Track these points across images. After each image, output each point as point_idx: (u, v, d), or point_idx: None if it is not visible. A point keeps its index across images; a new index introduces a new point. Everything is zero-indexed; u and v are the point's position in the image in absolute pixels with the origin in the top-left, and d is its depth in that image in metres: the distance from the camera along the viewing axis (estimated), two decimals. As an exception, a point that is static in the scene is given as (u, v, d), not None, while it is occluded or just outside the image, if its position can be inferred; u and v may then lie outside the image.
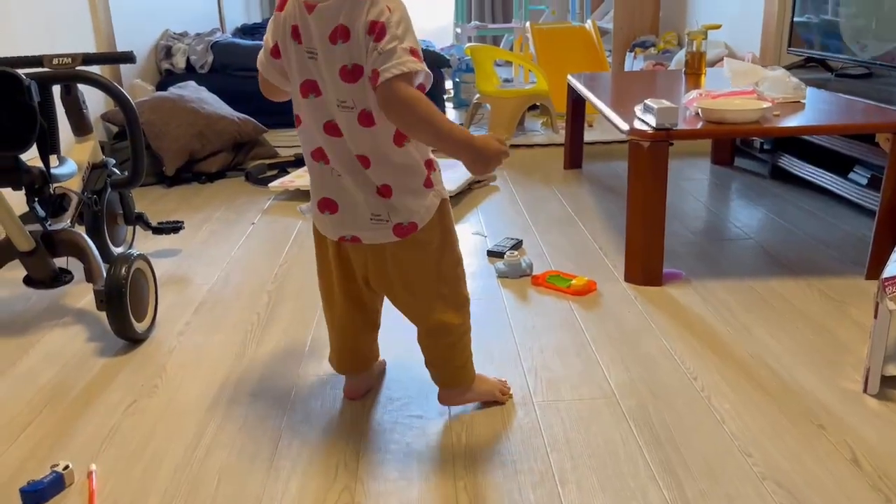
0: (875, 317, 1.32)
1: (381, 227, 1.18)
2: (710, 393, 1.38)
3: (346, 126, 1.14)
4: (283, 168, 3.09)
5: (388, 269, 1.22)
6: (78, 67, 1.85)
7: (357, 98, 1.11)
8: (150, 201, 2.75)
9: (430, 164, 1.20)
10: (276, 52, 1.18)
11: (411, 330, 1.32)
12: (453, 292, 1.26)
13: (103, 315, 1.63)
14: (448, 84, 4.51)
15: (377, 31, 1.05)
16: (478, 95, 3.60)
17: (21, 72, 1.60)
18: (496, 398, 1.36)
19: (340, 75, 1.10)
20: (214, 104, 3.20)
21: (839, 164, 2.34)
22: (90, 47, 3.02)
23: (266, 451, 1.25)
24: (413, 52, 1.06)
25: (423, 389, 1.40)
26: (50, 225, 1.70)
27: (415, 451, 1.25)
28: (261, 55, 1.21)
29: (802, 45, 2.81)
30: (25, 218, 1.67)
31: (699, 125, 1.82)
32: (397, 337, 1.45)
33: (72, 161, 1.85)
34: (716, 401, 1.35)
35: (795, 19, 2.82)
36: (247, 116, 3.22)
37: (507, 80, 4.38)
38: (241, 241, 2.31)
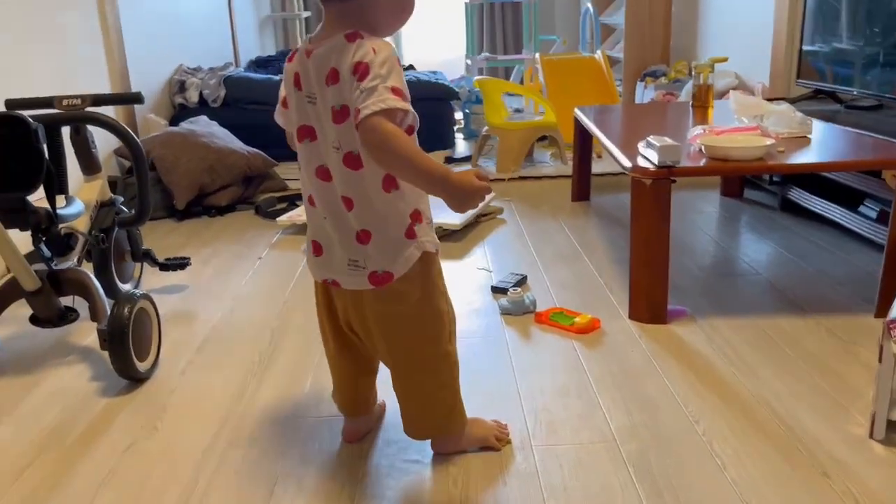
0: (880, 360, 1.30)
1: (358, 274, 1.18)
2: (712, 437, 1.35)
3: (335, 169, 1.15)
4: (293, 201, 3.12)
5: (366, 316, 1.22)
6: (87, 108, 1.89)
7: (344, 139, 1.12)
8: (160, 235, 2.78)
9: (416, 216, 1.19)
10: (285, 103, 1.22)
11: (408, 373, 1.31)
12: (432, 351, 1.25)
13: (107, 354, 1.64)
14: (458, 115, 4.54)
15: (360, 70, 1.07)
16: (486, 127, 3.61)
17: (31, 113, 1.64)
18: (491, 444, 1.34)
19: (332, 117, 1.12)
20: (225, 138, 3.24)
21: (849, 198, 2.32)
22: (104, 84, 3.08)
23: (262, 495, 1.24)
24: (395, 90, 1.06)
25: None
26: (56, 264, 1.72)
27: (412, 496, 1.24)
28: (277, 108, 1.25)
29: (812, 76, 2.80)
30: (31, 257, 1.69)
31: (702, 162, 1.81)
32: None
33: (79, 200, 1.87)
34: (717, 446, 1.33)
35: (806, 48, 2.81)
36: (257, 150, 3.26)
37: (517, 111, 4.40)
38: (247, 277, 2.32)
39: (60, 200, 1.74)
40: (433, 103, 3.93)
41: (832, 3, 2.64)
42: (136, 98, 1.99)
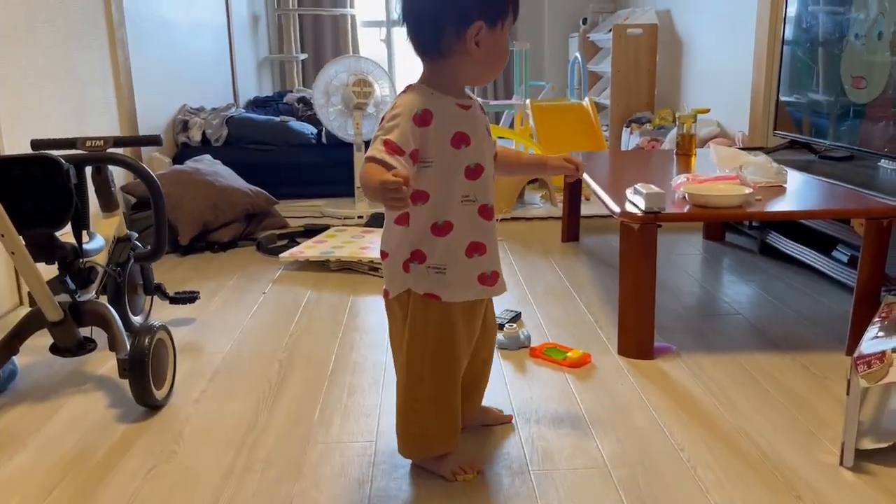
0: (848, 393, 1.42)
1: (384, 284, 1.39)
2: (696, 464, 1.46)
3: None
4: (293, 238, 3.22)
5: None
6: (109, 150, 2.00)
7: None
8: (164, 269, 2.87)
9: (417, 255, 1.33)
10: None
11: (416, 401, 1.41)
12: (412, 370, 1.38)
13: (123, 382, 1.73)
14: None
15: (381, 121, 1.28)
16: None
17: (59, 153, 1.75)
18: (443, 474, 1.43)
19: None
20: (229, 177, 3.36)
21: (823, 243, 2.46)
22: (114, 123, 3.20)
23: (278, 515, 1.33)
24: (387, 143, 1.21)
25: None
26: (79, 296, 1.81)
27: (418, 517, 1.33)
28: None
29: (789, 127, 2.97)
30: (51, 287, 1.78)
31: (686, 209, 1.95)
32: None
33: (100, 236, 1.98)
34: (701, 472, 1.44)
35: (783, 99, 2.99)
36: (259, 189, 3.38)
37: (508, 154, 4.55)
38: (252, 311, 2.42)
39: (84, 237, 1.84)
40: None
41: (805, 59, 2.82)
42: (155, 140, 2.11)
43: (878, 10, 2.35)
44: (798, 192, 2.16)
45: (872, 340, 1.53)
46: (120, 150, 2.25)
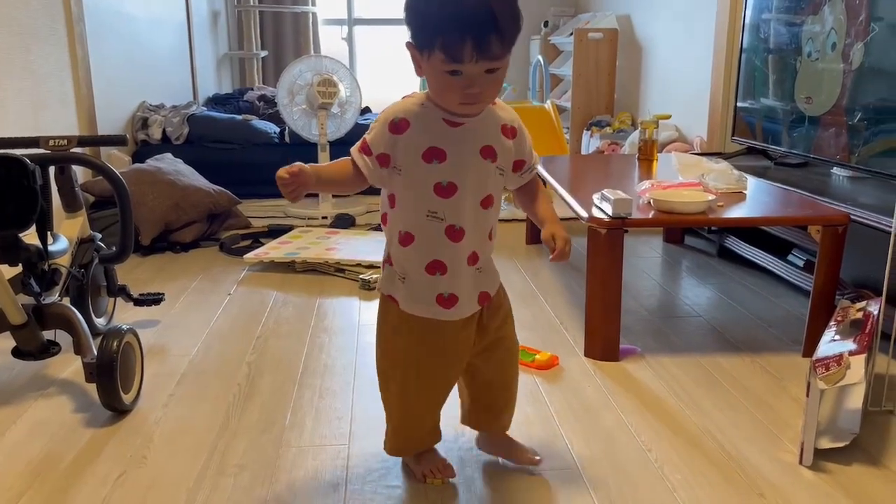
0: (807, 395, 1.48)
1: None
2: (663, 464, 1.51)
3: None
4: (257, 238, 3.20)
5: None
6: (73, 149, 1.96)
7: None
8: (126, 270, 2.82)
9: (388, 259, 1.35)
10: None
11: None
12: (377, 366, 1.42)
13: (88, 386, 1.71)
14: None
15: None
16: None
17: (23, 152, 1.71)
18: (415, 473, 1.46)
19: None
20: (191, 176, 3.32)
21: (779, 247, 2.55)
22: (72, 120, 3.13)
23: (254, 520, 1.33)
24: (363, 142, 1.28)
25: (400, 461, 1.51)
26: (43, 299, 1.78)
27: (394, 519, 1.34)
28: None
29: (746, 133, 3.06)
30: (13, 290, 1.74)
31: (651, 214, 2.00)
32: (377, 407, 1.55)
33: (63, 237, 1.94)
34: (668, 471, 1.48)
35: (740, 105, 3.08)
36: (221, 188, 3.34)
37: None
38: (218, 312, 2.40)
39: (49, 238, 1.80)
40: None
41: (761, 68, 2.91)
42: (121, 140, 2.08)
43: (832, 24, 2.44)
44: (758, 198, 2.23)
45: (830, 343, 1.59)
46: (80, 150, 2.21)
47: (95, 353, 1.68)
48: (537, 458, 1.48)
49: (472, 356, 1.40)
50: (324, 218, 3.53)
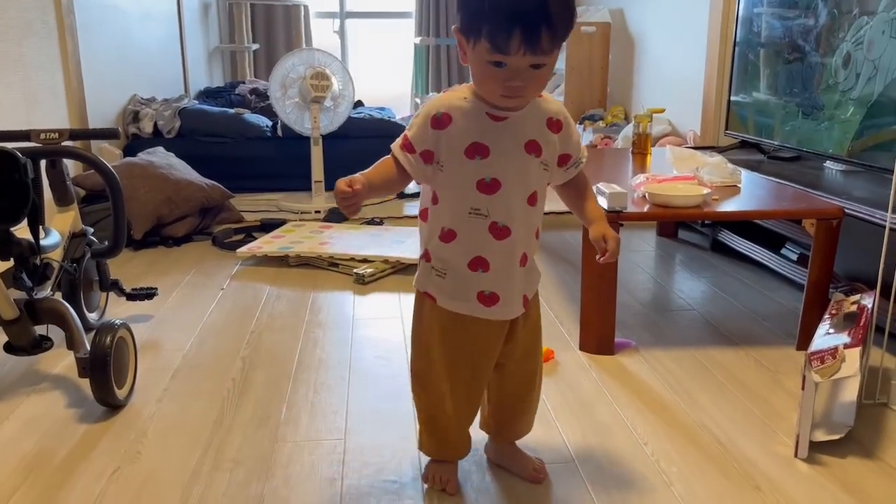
0: (802, 388, 1.48)
1: None
2: (659, 457, 1.51)
3: None
4: (249, 233, 3.19)
5: None
6: (64, 143, 1.95)
7: None
8: (118, 264, 2.80)
9: (426, 253, 1.31)
10: None
11: (383, 396, 1.42)
12: (412, 363, 1.38)
13: (81, 381, 1.70)
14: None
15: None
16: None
17: (14, 146, 1.69)
18: (424, 473, 1.44)
19: None
20: (183, 170, 3.29)
21: (772, 241, 2.55)
22: (63, 111, 3.10)
23: (250, 515, 1.33)
24: (405, 138, 1.24)
25: (396, 455, 1.51)
26: (35, 294, 1.76)
27: (391, 514, 1.34)
28: None
29: (739, 128, 3.06)
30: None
31: (646, 208, 2.00)
32: (372, 401, 1.55)
33: (55, 231, 1.92)
34: (664, 464, 1.48)
35: (734, 99, 3.08)
36: (214, 182, 3.32)
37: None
38: (211, 307, 2.38)
39: (40, 233, 1.78)
40: (384, 140, 4.06)
41: (754, 62, 2.91)
42: (113, 133, 2.06)
43: (827, 17, 2.44)
44: (752, 192, 2.23)
45: (824, 337, 1.60)
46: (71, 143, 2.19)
47: (88, 348, 1.67)
48: (541, 475, 1.43)
49: (500, 359, 1.36)
50: (317, 212, 3.51)
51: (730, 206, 2.06)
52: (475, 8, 1.12)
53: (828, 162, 2.65)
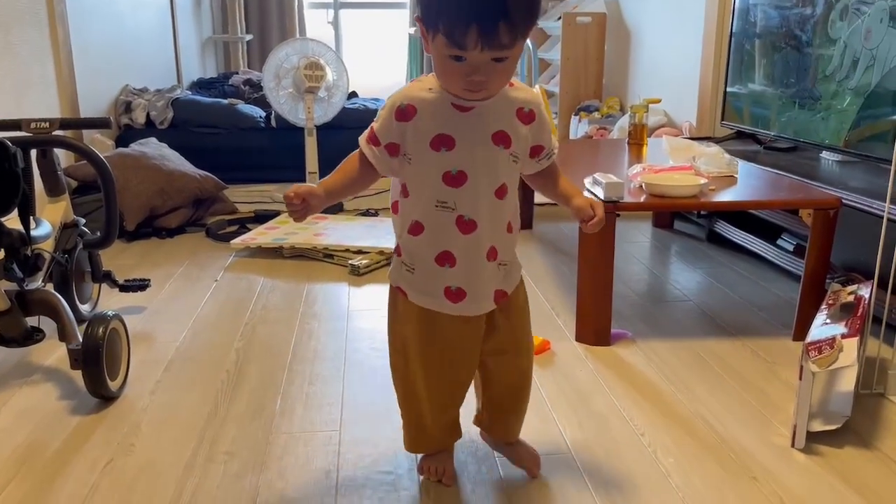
0: (800, 378, 1.47)
1: None
2: (656, 448, 1.50)
3: None
4: (243, 224, 3.17)
5: None
6: (55, 132, 1.92)
7: None
8: (111, 255, 2.78)
9: (398, 248, 1.28)
10: None
11: (379, 387, 1.41)
12: (390, 358, 1.35)
13: (74, 373, 1.68)
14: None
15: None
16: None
17: (3, 135, 1.67)
18: (419, 464, 1.43)
19: None
20: (176, 161, 3.27)
21: (768, 231, 2.55)
22: (54, 101, 3.07)
23: (245, 507, 1.32)
24: (370, 132, 1.21)
25: (392, 447, 1.50)
26: (26, 285, 1.74)
27: (387, 505, 1.33)
28: None
29: (735, 118, 3.05)
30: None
31: (643, 198, 1.99)
32: (367, 393, 1.54)
33: (46, 222, 1.90)
34: (661, 455, 1.48)
35: (730, 90, 3.07)
36: (207, 173, 3.30)
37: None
38: (205, 298, 2.37)
39: (31, 223, 1.76)
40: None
41: (751, 52, 2.90)
42: (104, 123, 2.04)
43: (824, 6, 2.43)
44: (749, 182, 2.22)
45: (822, 327, 1.59)
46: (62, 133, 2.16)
47: (80, 339, 1.65)
48: (536, 469, 1.42)
49: (485, 355, 1.33)
50: (311, 203, 3.48)
51: (726, 196, 2.05)
52: (430, 0, 1.09)
53: (824, 152, 2.64)
